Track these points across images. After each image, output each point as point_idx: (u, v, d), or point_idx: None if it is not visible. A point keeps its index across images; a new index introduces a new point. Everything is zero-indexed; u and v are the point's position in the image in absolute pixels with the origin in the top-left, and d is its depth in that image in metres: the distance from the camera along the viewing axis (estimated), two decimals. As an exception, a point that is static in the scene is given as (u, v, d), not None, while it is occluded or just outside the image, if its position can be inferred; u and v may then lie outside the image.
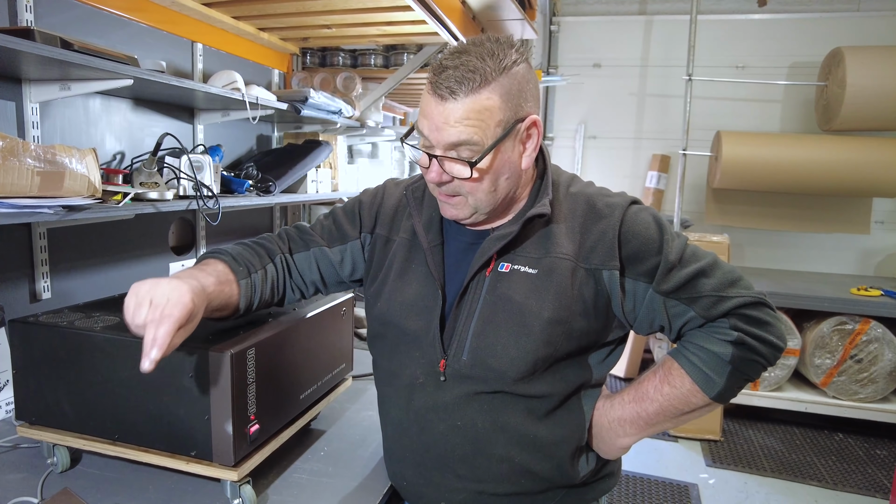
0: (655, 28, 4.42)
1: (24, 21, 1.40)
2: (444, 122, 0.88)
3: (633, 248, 0.94)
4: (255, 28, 2.32)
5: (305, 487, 1.10)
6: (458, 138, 0.88)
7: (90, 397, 1.03)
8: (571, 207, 1.00)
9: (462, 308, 0.99)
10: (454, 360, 0.97)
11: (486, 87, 0.87)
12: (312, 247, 1.13)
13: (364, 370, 1.67)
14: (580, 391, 1.01)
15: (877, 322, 3.15)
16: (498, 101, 0.88)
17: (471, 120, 0.87)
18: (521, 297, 0.95)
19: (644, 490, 2.74)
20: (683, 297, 0.93)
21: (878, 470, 2.96)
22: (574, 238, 0.97)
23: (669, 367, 0.98)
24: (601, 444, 1.04)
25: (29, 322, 1.05)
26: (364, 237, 1.15)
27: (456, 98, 0.87)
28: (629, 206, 0.98)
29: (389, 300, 1.06)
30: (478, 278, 0.98)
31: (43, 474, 1.08)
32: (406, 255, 1.07)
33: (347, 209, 1.18)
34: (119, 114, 1.76)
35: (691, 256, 0.95)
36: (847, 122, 3.59)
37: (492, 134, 0.89)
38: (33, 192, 1.17)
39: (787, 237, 4.22)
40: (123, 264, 1.79)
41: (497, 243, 0.97)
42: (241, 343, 0.96)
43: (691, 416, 0.99)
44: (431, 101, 0.89)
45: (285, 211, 2.83)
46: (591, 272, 0.95)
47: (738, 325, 0.91)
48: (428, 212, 1.08)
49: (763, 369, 0.94)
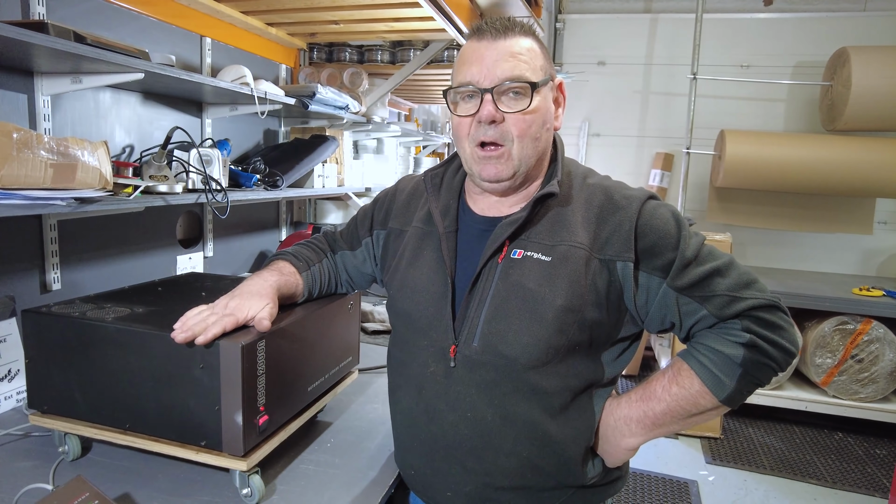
0: (660, 26, 4.41)
1: (36, 14, 1.41)
2: (498, 57, 0.95)
3: (649, 242, 0.94)
4: (263, 23, 2.33)
5: (312, 478, 1.12)
6: (512, 72, 0.94)
7: (101, 387, 1.04)
8: (588, 197, 1.00)
9: (474, 295, 0.99)
10: (465, 347, 0.97)
11: (529, 34, 0.99)
12: (338, 251, 1.27)
13: (370, 363, 1.69)
14: (591, 389, 1.00)
15: (878, 322, 3.16)
16: (538, 49, 0.99)
17: (524, 56, 0.96)
18: (534, 284, 0.95)
19: (644, 486, 2.75)
20: (697, 295, 0.93)
21: (878, 469, 2.97)
22: (589, 228, 0.97)
23: (679, 367, 0.97)
24: (606, 446, 1.02)
25: (42, 312, 1.07)
26: (376, 234, 1.21)
27: (506, 37, 0.96)
28: (647, 200, 0.98)
29: (401, 288, 1.08)
30: (490, 265, 0.99)
31: (54, 462, 1.10)
32: (418, 244, 1.09)
33: (366, 210, 1.26)
34: (128, 107, 1.77)
35: (708, 255, 0.95)
36: (851, 122, 3.59)
37: (538, 75, 0.97)
38: (46, 184, 1.18)
39: (789, 237, 4.23)
40: (131, 256, 1.81)
41: (509, 228, 0.98)
42: (252, 335, 0.98)
43: (699, 418, 0.97)
44: (481, 45, 0.97)
45: (291, 205, 2.84)
46: (605, 263, 0.95)
47: (751, 327, 0.90)
48: (445, 199, 1.10)
49: (774, 374, 0.93)
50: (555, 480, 0.99)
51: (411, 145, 3.98)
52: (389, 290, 1.13)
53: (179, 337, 0.94)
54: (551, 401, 0.96)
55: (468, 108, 0.98)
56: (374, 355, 1.78)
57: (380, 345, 1.93)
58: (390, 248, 1.16)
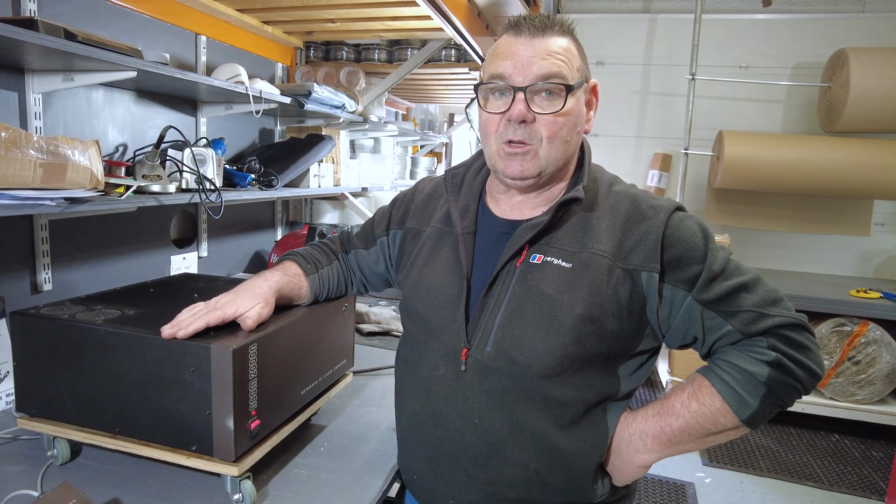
0: (659, 26, 4.40)
1: (27, 11, 1.39)
2: (534, 54, 0.92)
3: (676, 254, 0.91)
4: (259, 21, 2.31)
5: (305, 483, 1.10)
6: (548, 70, 0.91)
7: (91, 390, 1.02)
8: (614, 205, 0.97)
9: (490, 298, 0.96)
10: (477, 351, 0.95)
11: (566, 34, 0.96)
12: (351, 250, 1.26)
13: (365, 366, 1.68)
14: (605, 403, 0.97)
15: (875, 324, 3.15)
16: (575, 49, 0.97)
17: (560, 55, 0.93)
18: (553, 290, 0.92)
19: (641, 488, 2.74)
20: (722, 310, 0.90)
21: (874, 471, 2.97)
22: (614, 236, 0.94)
23: (700, 383, 0.93)
24: (618, 461, 0.98)
25: (30, 314, 1.05)
26: (393, 233, 1.20)
27: (544, 35, 0.93)
28: (675, 212, 0.95)
29: (415, 287, 1.06)
30: (508, 268, 0.96)
31: (43, 466, 1.08)
32: (435, 244, 1.07)
33: (384, 210, 1.25)
34: (122, 105, 1.75)
35: (735, 270, 0.92)
36: (850, 123, 3.58)
37: (574, 77, 0.94)
38: (36, 184, 1.16)
39: (787, 238, 4.22)
40: (124, 257, 1.79)
41: (529, 231, 0.95)
42: (244, 338, 0.96)
43: (718, 437, 0.93)
44: (517, 41, 0.94)
45: (287, 205, 2.82)
46: (628, 273, 0.92)
47: (777, 345, 0.87)
48: (465, 199, 1.07)
49: (798, 396, 0.89)
50: (562, 496, 0.95)
51: (408, 145, 3.97)
52: (403, 289, 1.11)
53: (167, 332, 0.94)
54: (563, 412, 0.93)
55: (499, 104, 0.95)
56: (370, 357, 1.76)
57: (375, 346, 1.91)
58: (406, 248, 1.14)
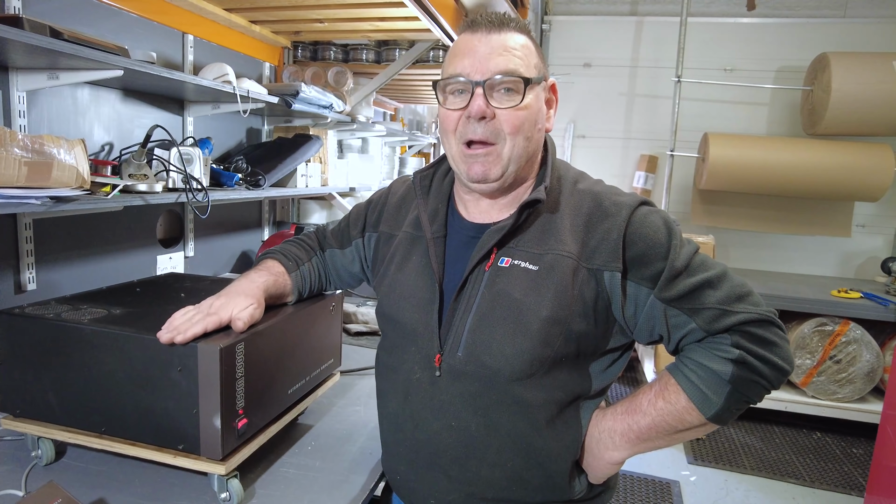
0: (646, 29, 4.44)
1: (11, 8, 1.38)
2: (491, 51, 0.92)
3: (638, 251, 0.91)
4: (247, 20, 2.30)
5: (292, 481, 1.11)
6: (506, 66, 0.92)
7: (76, 390, 1.02)
8: (577, 204, 0.97)
9: (460, 302, 0.97)
10: (449, 356, 0.96)
11: (523, 31, 0.97)
12: (327, 248, 1.26)
13: (353, 365, 1.68)
14: (578, 401, 0.98)
15: (856, 324, 3.21)
16: (532, 46, 0.97)
17: (518, 51, 0.93)
18: (520, 293, 0.92)
19: (626, 487, 2.77)
20: (686, 308, 0.89)
21: (854, 468, 3.02)
22: (578, 236, 0.94)
23: (666, 381, 0.94)
24: (591, 459, 0.99)
25: (15, 314, 1.04)
26: (368, 236, 1.20)
27: (501, 31, 0.94)
28: (638, 207, 0.94)
29: (389, 293, 1.07)
30: (477, 272, 0.97)
31: (27, 467, 1.07)
32: (407, 249, 1.08)
33: (359, 210, 1.24)
34: (108, 104, 1.74)
35: (699, 266, 0.91)
36: (831, 126, 3.64)
37: (532, 73, 0.94)
38: (20, 183, 1.16)
39: (771, 239, 4.28)
40: (110, 256, 1.78)
41: (496, 235, 0.96)
42: (231, 337, 0.96)
43: (686, 434, 0.94)
44: (474, 38, 0.94)
45: (274, 205, 2.82)
46: (592, 273, 0.92)
47: (741, 342, 0.86)
48: (434, 202, 1.08)
49: (766, 392, 0.89)
50: (541, 495, 0.97)
51: (396, 145, 3.97)
52: (378, 294, 1.12)
53: (164, 337, 0.93)
54: (536, 413, 0.93)
55: (457, 102, 0.95)
56: (357, 357, 1.76)
57: (363, 346, 1.91)
58: (380, 252, 1.15)
